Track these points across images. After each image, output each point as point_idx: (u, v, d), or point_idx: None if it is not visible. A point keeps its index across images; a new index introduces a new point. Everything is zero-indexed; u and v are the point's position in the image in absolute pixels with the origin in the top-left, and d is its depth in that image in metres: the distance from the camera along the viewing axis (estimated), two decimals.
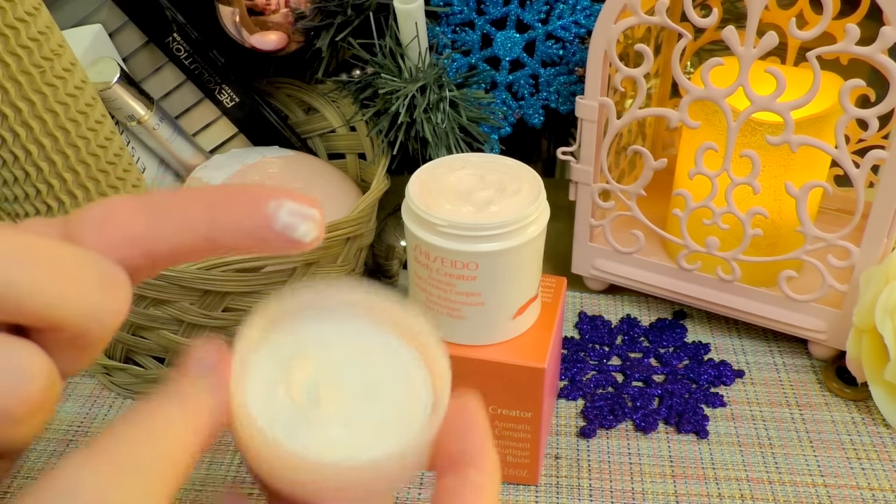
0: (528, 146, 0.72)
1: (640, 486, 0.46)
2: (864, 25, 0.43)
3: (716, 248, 0.51)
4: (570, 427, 0.49)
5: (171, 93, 0.58)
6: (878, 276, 0.47)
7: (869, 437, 0.49)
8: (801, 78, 0.47)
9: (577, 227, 0.56)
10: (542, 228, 0.40)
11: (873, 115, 0.43)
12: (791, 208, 0.48)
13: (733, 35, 0.43)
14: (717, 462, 0.47)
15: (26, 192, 0.45)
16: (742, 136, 0.48)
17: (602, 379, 0.52)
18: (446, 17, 0.55)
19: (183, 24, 0.55)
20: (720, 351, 0.55)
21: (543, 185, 0.40)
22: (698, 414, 0.49)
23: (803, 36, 0.43)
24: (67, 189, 0.45)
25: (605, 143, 0.51)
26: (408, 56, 0.54)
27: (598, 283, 0.59)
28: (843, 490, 0.45)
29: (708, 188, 0.49)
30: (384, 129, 0.55)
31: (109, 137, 0.47)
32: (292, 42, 0.56)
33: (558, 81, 0.57)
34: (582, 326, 0.56)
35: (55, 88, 0.43)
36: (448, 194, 0.40)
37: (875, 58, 0.41)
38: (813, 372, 0.53)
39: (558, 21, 0.55)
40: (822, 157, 0.48)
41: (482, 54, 0.56)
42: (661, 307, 0.59)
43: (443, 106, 0.53)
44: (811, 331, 0.52)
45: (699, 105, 0.48)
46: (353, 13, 0.54)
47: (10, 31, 0.41)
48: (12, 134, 0.42)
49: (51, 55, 0.43)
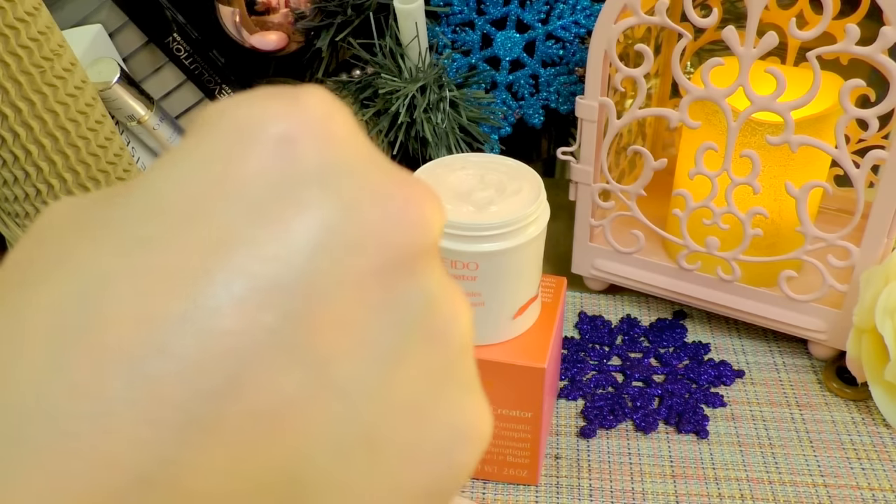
0: (528, 146, 0.72)
1: (640, 486, 0.46)
2: (864, 25, 0.43)
3: (716, 248, 0.51)
4: (570, 427, 0.49)
5: (171, 93, 0.58)
6: (878, 276, 0.47)
7: (869, 437, 0.49)
8: (801, 78, 0.47)
9: (577, 227, 0.56)
10: (543, 228, 0.40)
11: (873, 115, 0.43)
12: (791, 208, 0.48)
13: (733, 35, 0.43)
14: (717, 462, 0.47)
15: (26, 192, 0.45)
16: (742, 136, 0.48)
17: (602, 379, 0.52)
18: (446, 17, 0.55)
19: (183, 24, 0.55)
20: (720, 351, 0.55)
21: (543, 185, 0.40)
22: (698, 414, 0.49)
23: (803, 36, 0.43)
24: (67, 189, 0.45)
25: (605, 143, 0.51)
26: (408, 56, 0.54)
27: (598, 283, 0.59)
28: (843, 490, 0.45)
29: (708, 188, 0.49)
30: (384, 129, 0.55)
31: (109, 137, 0.47)
32: (292, 42, 0.56)
33: (558, 81, 0.57)
34: (582, 326, 0.56)
35: (55, 88, 0.43)
36: (448, 194, 0.40)
37: (875, 58, 0.41)
38: (813, 372, 0.53)
39: (558, 21, 0.55)
40: (822, 157, 0.48)
41: (482, 54, 0.56)
42: (661, 307, 0.59)
43: (443, 106, 0.53)
44: (811, 331, 0.52)
45: (699, 105, 0.48)
46: (353, 13, 0.54)
47: (10, 31, 0.41)
48: (12, 134, 0.42)
49: (51, 55, 0.43)
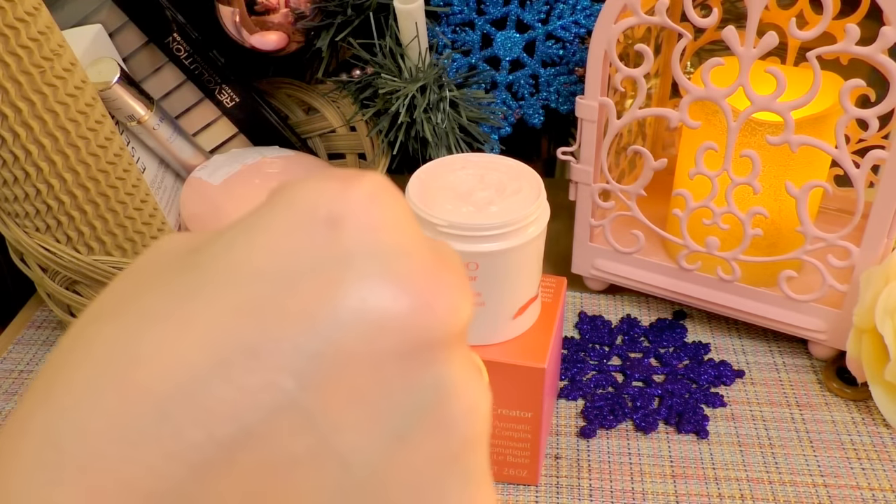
0: (528, 146, 0.72)
1: (640, 486, 0.46)
2: (864, 25, 0.43)
3: (716, 248, 0.51)
4: (570, 427, 0.49)
5: (171, 93, 0.58)
6: (878, 276, 0.47)
7: (869, 437, 0.49)
8: (801, 78, 0.47)
9: (577, 227, 0.56)
10: (543, 228, 0.40)
11: (873, 115, 0.43)
12: (791, 208, 0.48)
13: (733, 35, 0.43)
14: (717, 462, 0.47)
15: (26, 192, 0.45)
16: (742, 136, 0.48)
17: (602, 379, 0.52)
18: (446, 17, 0.55)
19: (183, 24, 0.55)
20: (720, 351, 0.55)
21: (543, 185, 0.40)
22: (698, 414, 0.49)
23: (803, 36, 0.43)
24: (67, 189, 0.45)
25: (605, 143, 0.51)
26: (408, 56, 0.54)
27: (598, 283, 0.59)
28: (843, 490, 0.45)
29: (708, 188, 0.49)
30: (384, 129, 0.55)
31: (109, 137, 0.47)
32: (292, 42, 0.56)
33: (558, 81, 0.57)
34: (582, 326, 0.56)
35: (55, 88, 0.43)
36: (448, 194, 0.40)
37: (875, 58, 0.41)
38: (813, 372, 0.53)
39: (558, 21, 0.55)
40: (822, 157, 0.48)
41: (482, 54, 0.56)
42: (661, 307, 0.59)
43: (443, 106, 0.53)
44: (811, 331, 0.52)
45: (699, 105, 0.48)
46: (353, 13, 0.54)
47: (10, 31, 0.40)
48: (12, 134, 0.42)
49: (51, 55, 0.43)
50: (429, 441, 0.16)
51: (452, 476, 0.17)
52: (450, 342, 0.16)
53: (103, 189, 0.47)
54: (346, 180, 0.16)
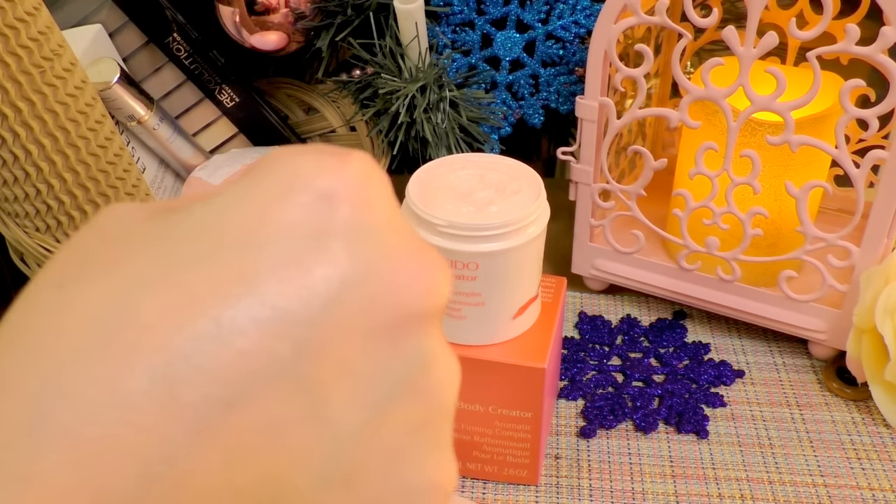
0: (528, 146, 0.72)
1: (640, 486, 0.46)
2: (864, 25, 0.43)
3: (716, 248, 0.51)
4: (570, 427, 0.49)
5: (171, 93, 0.58)
6: (878, 276, 0.47)
7: (869, 437, 0.49)
8: (801, 78, 0.47)
9: (577, 227, 0.56)
10: (543, 228, 0.40)
11: (873, 115, 0.43)
12: (791, 208, 0.48)
13: (733, 35, 0.43)
14: (717, 462, 0.47)
15: (26, 192, 0.45)
16: (742, 136, 0.48)
17: (602, 379, 0.52)
18: (446, 17, 0.55)
19: (183, 24, 0.55)
20: (720, 351, 0.55)
21: (543, 185, 0.40)
22: (698, 414, 0.49)
23: (803, 36, 0.43)
24: (67, 189, 0.45)
25: (605, 143, 0.51)
26: (408, 56, 0.54)
27: (598, 283, 0.59)
28: (843, 490, 0.45)
29: (708, 188, 0.49)
30: (384, 129, 0.55)
31: (109, 137, 0.47)
32: (292, 42, 0.56)
33: (558, 81, 0.57)
34: (582, 326, 0.56)
35: (55, 88, 0.43)
36: (448, 194, 0.40)
37: (875, 58, 0.41)
38: (813, 372, 0.53)
39: (558, 21, 0.55)
40: (822, 157, 0.48)
41: (482, 54, 0.56)
42: (661, 307, 0.59)
43: (443, 106, 0.53)
44: (811, 331, 0.52)
45: (699, 105, 0.48)
46: (353, 13, 0.54)
47: (10, 31, 0.40)
48: (12, 134, 0.42)
49: (51, 55, 0.43)
50: (407, 407, 0.17)
51: (425, 440, 0.18)
52: (431, 316, 0.17)
53: (103, 189, 0.47)
54: (340, 156, 0.17)
